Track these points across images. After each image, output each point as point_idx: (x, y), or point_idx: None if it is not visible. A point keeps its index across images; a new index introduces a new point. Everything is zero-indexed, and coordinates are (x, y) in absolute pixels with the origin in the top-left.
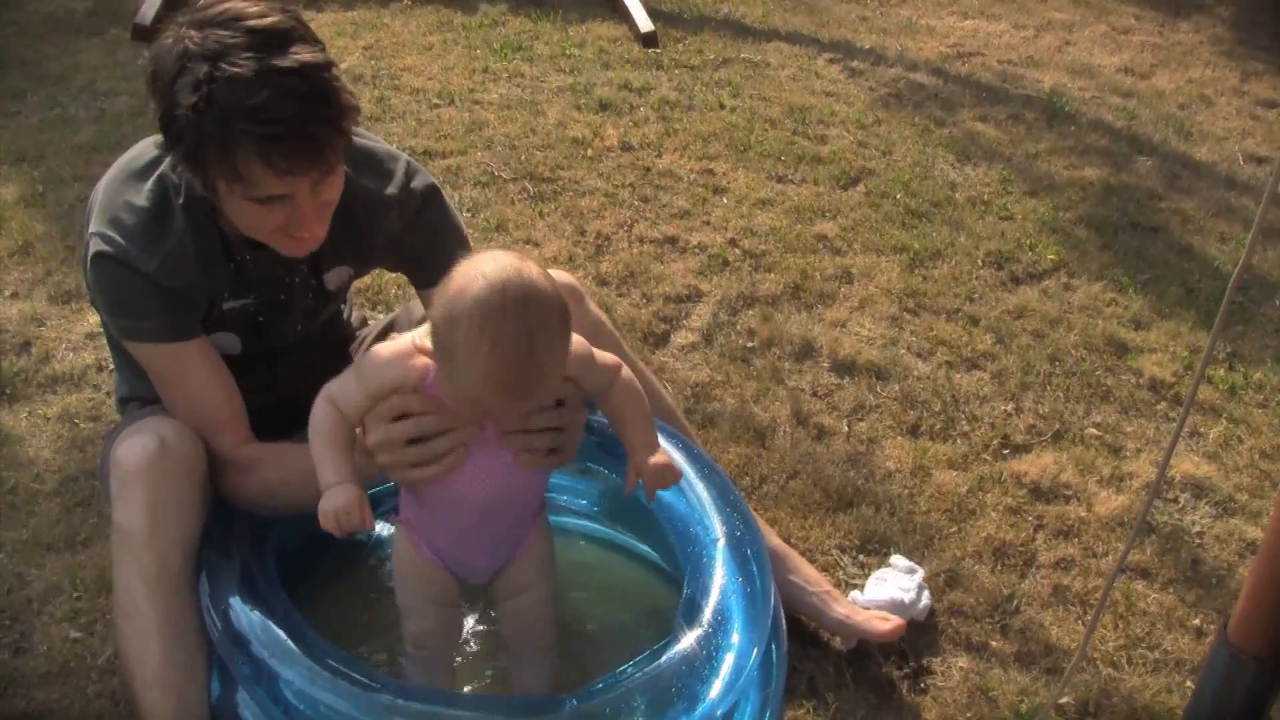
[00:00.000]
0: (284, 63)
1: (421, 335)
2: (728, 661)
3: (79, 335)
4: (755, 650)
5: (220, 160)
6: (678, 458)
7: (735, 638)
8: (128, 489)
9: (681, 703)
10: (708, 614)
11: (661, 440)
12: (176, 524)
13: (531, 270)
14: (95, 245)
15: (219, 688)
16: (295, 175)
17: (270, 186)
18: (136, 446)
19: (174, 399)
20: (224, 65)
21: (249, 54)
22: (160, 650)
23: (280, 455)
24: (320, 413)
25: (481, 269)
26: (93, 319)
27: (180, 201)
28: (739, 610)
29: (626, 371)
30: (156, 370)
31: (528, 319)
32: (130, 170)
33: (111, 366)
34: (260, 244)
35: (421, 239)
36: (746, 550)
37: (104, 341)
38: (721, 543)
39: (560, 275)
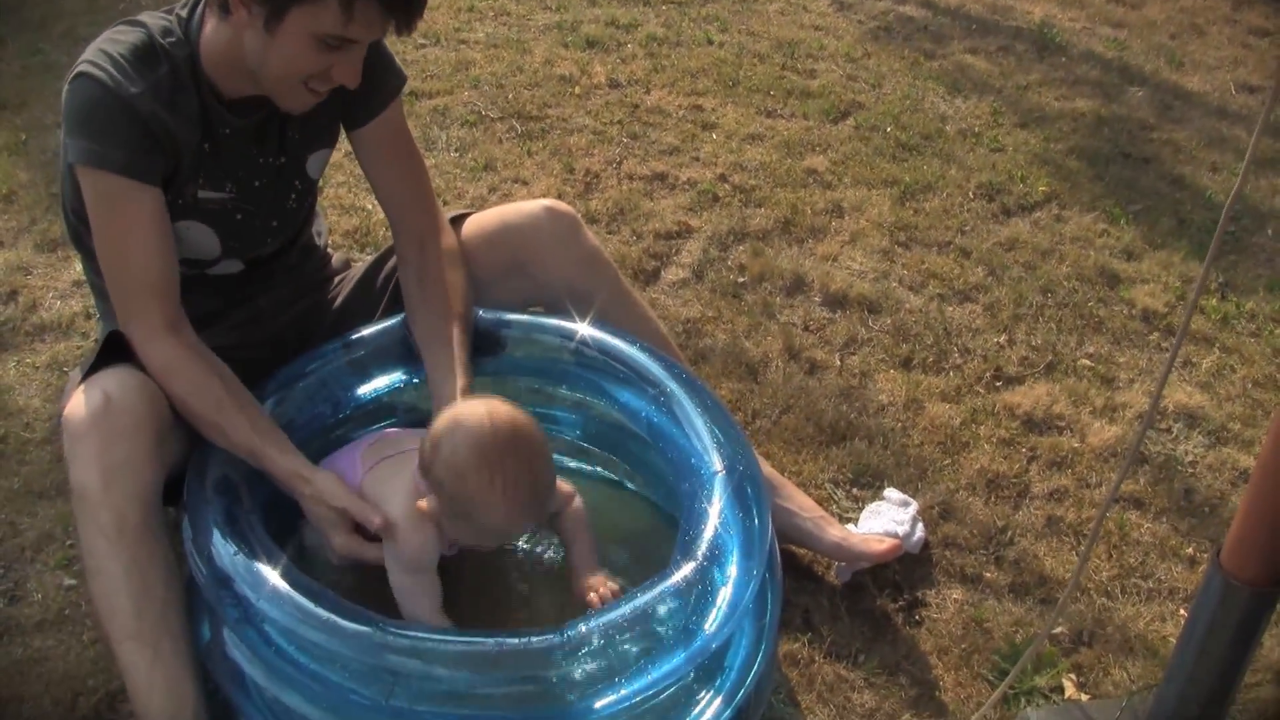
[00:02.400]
0: None
1: (419, 502)
2: (724, 594)
3: (66, 283)
4: (751, 584)
5: None
6: (676, 389)
7: (732, 570)
8: (79, 447)
9: (677, 636)
10: (703, 547)
11: (658, 368)
12: (131, 479)
13: (498, 407)
14: (78, 68)
15: (208, 632)
16: (396, 19)
17: (364, 29)
18: (83, 406)
19: (112, 250)
20: None
21: None
22: (129, 605)
23: (193, 382)
24: (423, 587)
25: (462, 424)
26: (79, 267)
27: (167, 52)
28: (736, 543)
29: (578, 501)
30: (103, 211)
31: (523, 450)
32: (116, 26)
33: (98, 314)
34: (245, 113)
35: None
36: (745, 485)
37: (90, 290)
38: (720, 474)
39: (558, 204)
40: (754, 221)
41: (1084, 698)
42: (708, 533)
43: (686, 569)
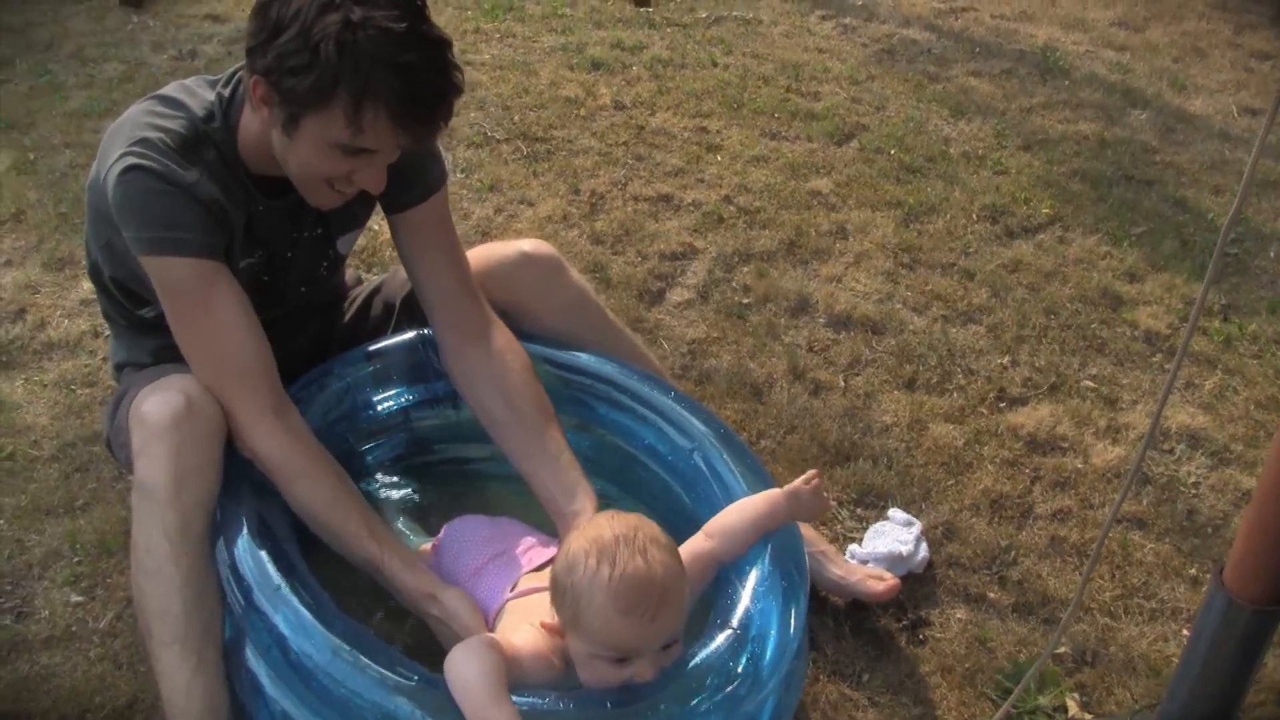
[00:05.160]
0: (431, 32)
1: (548, 616)
2: (763, 664)
3: (74, 302)
4: (788, 653)
5: (350, 102)
6: (697, 427)
7: (770, 640)
8: (152, 446)
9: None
10: (739, 616)
11: (677, 407)
12: (200, 485)
13: (632, 515)
14: (126, 161)
15: (230, 636)
16: (409, 135)
17: (375, 140)
18: (162, 403)
19: (199, 337)
20: (377, 14)
21: (397, 12)
22: (181, 610)
23: (306, 475)
24: (482, 654)
25: (590, 522)
26: (87, 285)
27: (210, 137)
28: (775, 615)
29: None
30: (184, 297)
31: (639, 541)
32: (154, 107)
33: (107, 332)
34: (277, 194)
35: (408, 159)
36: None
37: (99, 309)
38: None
39: (540, 245)
40: (759, 243)
41: (1087, 717)
42: (745, 602)
43: (723, 638)
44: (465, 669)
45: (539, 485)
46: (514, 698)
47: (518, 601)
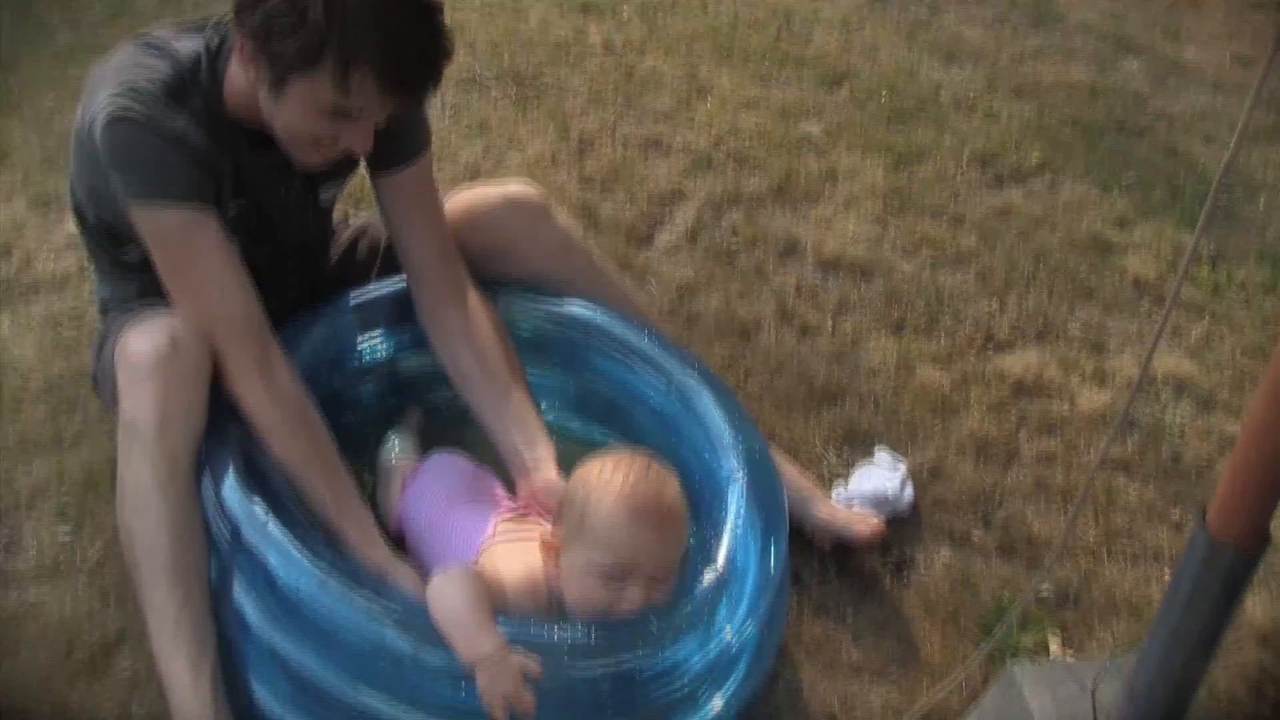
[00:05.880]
0: None
1: (547, 534)
2: (741, 602)
3: (60, 240)
4: (767, 594)
5: (338, 65)
6: (675, 368)
7: (749, 579)
8: (138, 385)
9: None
10: (721, 558)
11: (654, 347)
12: (186, 423)
13: (653, 466)
14: (112, 107)
15: (215, 575)
16: (397, 99)
17: (363, 103)
18: (148, 342)
19: (186, 286)
20: None
21: None
22: (170, 545)
23: (281, 435)
24: (467, 581)
25: (602, 455)
26: (72, 224)
27: (197, 84)
28: (754, 555)
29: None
30: (172, 249)
31: (653, 469)
32: (140, 53)
33: (92, 269)
34: (263, 147)
35: (394, 120)
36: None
37: (84, 246)
38: (738, 481)
39: (527, 188)
40: (748, 186)
41: (1068, 656)
42: (726, 542)
43: (707, 578)
44: (449, 597)
45: (501, 438)
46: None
47: (502, 547)
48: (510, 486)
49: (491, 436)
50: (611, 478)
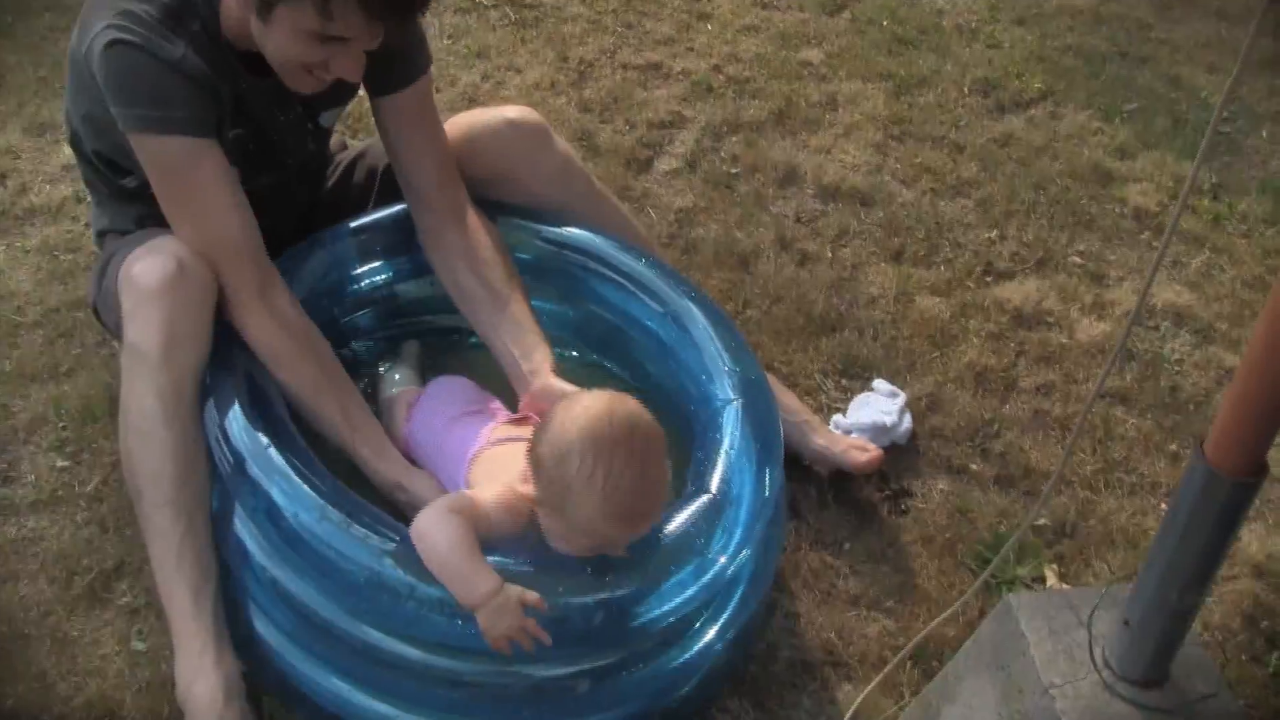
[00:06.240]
0: None
1: (520, 483)
2: (736, 529)
3: (55, 167)
4: (763, 517)
5: None
6: (672, 293)
7: (744, 504)
8: (144, 309)
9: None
10: (716, 480)
11: (652, 273)
12: (192, 348)
13: (628, 402)
14: (110, 35)
15: (217, 505)
16: (382, 24)
17: (348, 29)
18: (154, 266)
19: (186, 214)
20: None
21: None
22: (174, 473)
23: (287, 359)
24: (448, 523)
25: (581, 405)
26: (68, 151)
27: (193, 8)
28: (749, 478)
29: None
30: (172, 175)
31: (637, 449)
32: None
33: (90, 199)
34: (261, 73)
35: (392, 42)
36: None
37: (80, 175)
38: (734, 404)
39: (525, 113)
40: (748, 113)
41: (1065, 587)
42: (720, 467)
43: (702, 500)
44: (435, 539)
45: (500, 350)
46: (491, 558)
47: (491, 451)
48: (515, 407)
49: (493, 352)
50: (594, 474)
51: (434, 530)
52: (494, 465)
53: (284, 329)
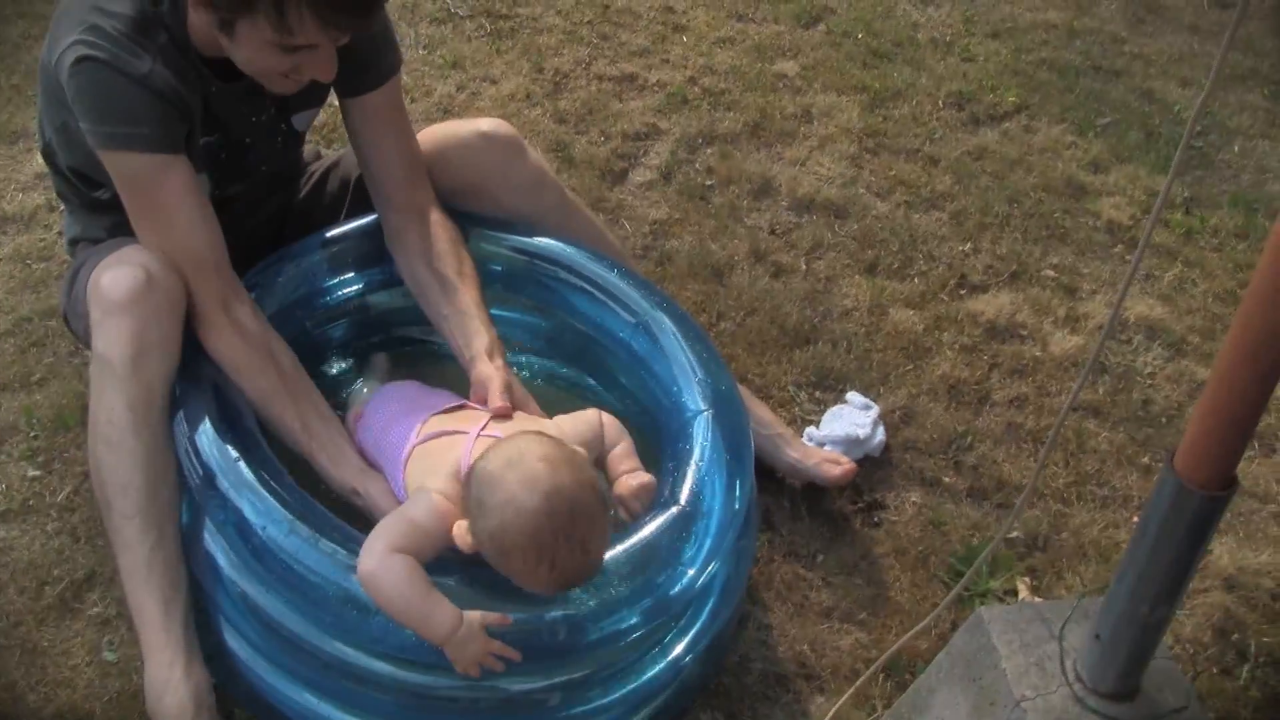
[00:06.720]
0: None
1: (452, 483)
2: (705, 540)
3: (28, 175)
4: (732, 529)
5: (272, 6)
6: (644, 304)
7: (714, 515)
8: (111, 320)
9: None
10: (686, 492)
11: (624, 284)
12: (160, 359)
13: (560, 473)
14: (77, 51)
15: (187, 518)
16: (340, 30)
17: (308, 38)
18: (122, 277)
19: (153, 229)
20: None
21: None
22: (143, 484)
23: (246, 370)
24: (398, 565)
25: (512, 490)
26: (39, 160)
27: (161, 20)
28: (720, 488)
29: (608, 418)
30: (139, 191)
31: (579, 531)
32: None
33: (63, 207)
34: (231, 78)
35: (362, 44)
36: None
37: (53, 185)
38: (705, 415)
39: (499, 125)
40: (723, 125)
41: (1037, 600)
42: (690, 478)
43: (672, 511)
44: (383, 586)
45: (447, 337)
46: (447, 580)
47: (422, 447)
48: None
49: (443, 338)
50: (537, 568)
51: (380, 576)
52: (426, 463)
53: (244, 340)
